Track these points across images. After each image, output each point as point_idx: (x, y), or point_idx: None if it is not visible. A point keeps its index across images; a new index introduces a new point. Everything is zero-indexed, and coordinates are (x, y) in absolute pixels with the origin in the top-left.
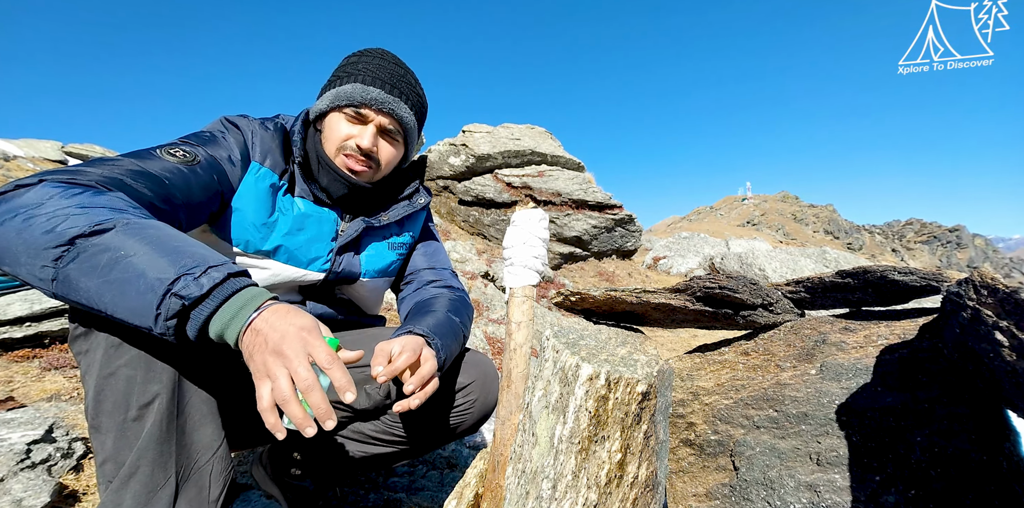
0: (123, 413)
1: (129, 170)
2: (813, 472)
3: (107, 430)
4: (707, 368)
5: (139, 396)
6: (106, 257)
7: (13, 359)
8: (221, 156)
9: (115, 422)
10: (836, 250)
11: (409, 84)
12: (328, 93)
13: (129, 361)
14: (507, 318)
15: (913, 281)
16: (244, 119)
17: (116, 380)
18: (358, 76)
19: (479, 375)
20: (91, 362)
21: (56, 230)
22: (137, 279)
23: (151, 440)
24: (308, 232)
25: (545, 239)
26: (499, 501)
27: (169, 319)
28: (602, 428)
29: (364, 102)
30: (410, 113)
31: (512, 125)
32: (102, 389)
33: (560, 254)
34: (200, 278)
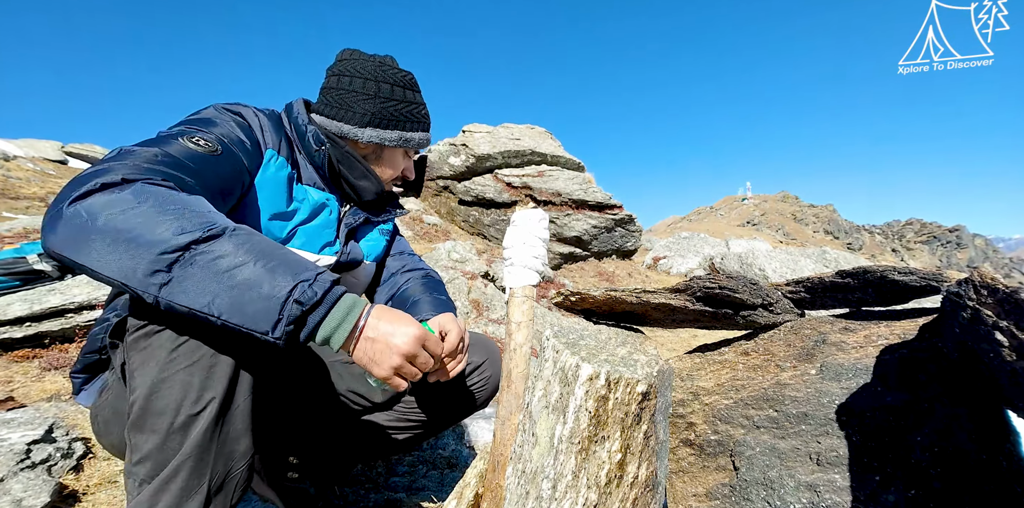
0: (173, 417)
1: (180, 165)
2: (813, 472)
3: (151, 430)
4: (707, 368)
5: (193, 403)
6: (224, 263)
7: (13, 359)
8: (235, 143)
9: (163, 424)
10: (836, 250)
11: None
12: (403, 134)
13: (189, 367)
14: (507, 318)
15: (913, 281)
16: (243, 107)
17: (172, 384)
18: (423, 124)
19: (488, 353)
20: (146, 361)
21: (167, 234)
22: (258, 286)
23: (195, 447)
24: (321, 219)
25: (545, 239)
26: (499, 501)
27: (289, 324)
28: (602, 428)
29: (427, 146)
30: None
31: (512, 125)
32: (157, 390)
33: (560, 254)
34: (314, 285)
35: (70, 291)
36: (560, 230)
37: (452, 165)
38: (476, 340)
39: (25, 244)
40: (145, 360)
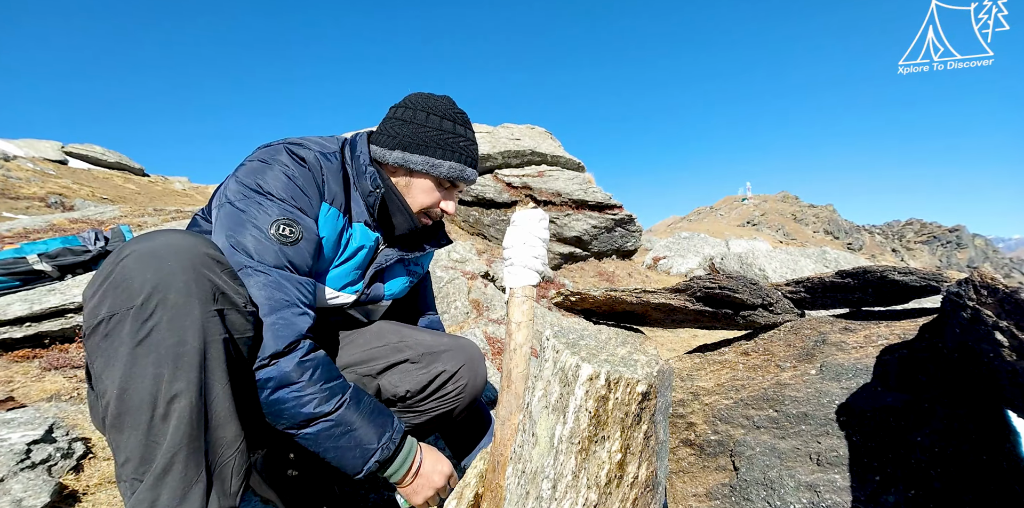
0: (150, 411)
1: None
2: (813, 472)
3: (131, 427)
4: (707, 368)
5: (166, 392)
6: (338, 430)
7: (13, 359)
8: (304, 208)
9: (141, 420)
10: (836, 250)
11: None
12: (429, 159)
13: (156, 359)
14: (507, 318)
15: (913, 281)
16: (307, 150)
17: (143, 378)
18: (461, 155)
19: (466, 359)
20: (110, 361)
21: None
22: (352, 450)
23: (183, 436)
24: (355, 260)
25: (545, 239)
26: (499, 501)
27: (369, 473)
28: (602, 428)
29: (465, 182)
30: None
31: (512, 125)
32: (127, 387)
33: (560, 254)
34: (388, 444)
35: (70, 291)
36: (560, 230)
37: None
38: (454, 345)
39: (25, 244)
40: (109, 359)
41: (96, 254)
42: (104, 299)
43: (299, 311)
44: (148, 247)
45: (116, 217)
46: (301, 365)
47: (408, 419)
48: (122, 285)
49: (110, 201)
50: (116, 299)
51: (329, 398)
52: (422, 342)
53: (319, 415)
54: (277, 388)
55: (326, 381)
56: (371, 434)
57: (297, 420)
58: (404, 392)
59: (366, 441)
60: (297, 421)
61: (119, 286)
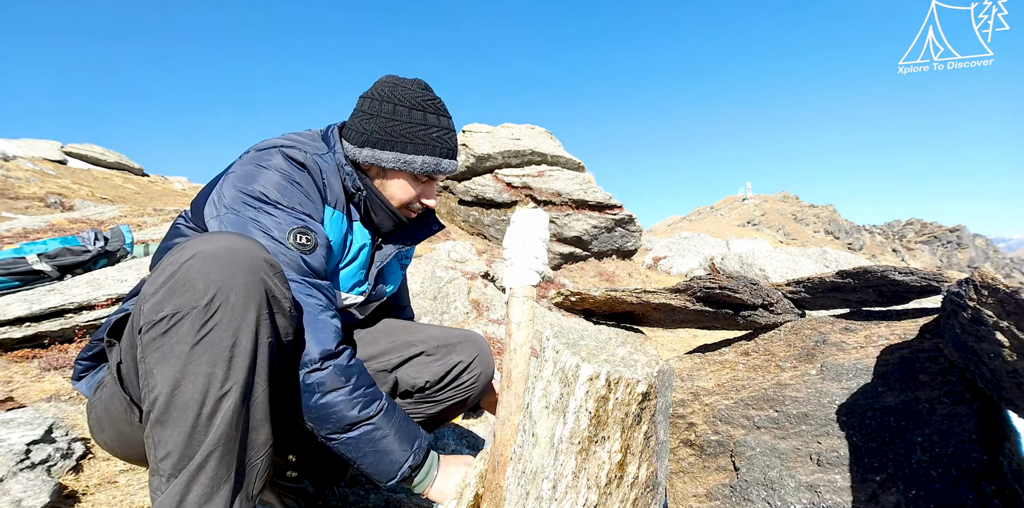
0: (199, 408)
1: (315, 287)
2: (813, 472)
3: (176, 424)
4: (707, 368)
5: (217, 392)
6: (379, 434)
7: (13, 359)
8: (311, 214)
9: (188, 417)
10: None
11: (456, 140)
12: (400, 156)
13: (211, 358)
14: (507, 318)
15: (913, 281)
16: (306, 156)
17: (196, 376)
18: (433, 148)
19: (478, 350)
20: (165, 357)
21: (351, 414)
22: (389, 454)
23: (222, 436)
24: (359, 260)
25: (545, 239)
26: (499, 501)
27: (395, 482)
28: (602, 428)
29: (439, 172)
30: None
31: (512, 125)
32: (180, 385)
33: (560, 254)
34: (418, 453)
35: (69, 291)
36: (560, 230)
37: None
38: (466, 337)
39: (25, 244)
40: (164, 356)
41: (95, 254)
42: (169, 297)
43: (332, 314)
44: (212, 249)
45: (115, 217)
46: (348, 369)
47: (424, 409)
48: (188, 285)
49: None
50: (181, 298)
51: (371, 402)
52: (434, 335)
53: (363, 419)
54: (328, 392)
55: (368, 386)
56: (406, 439)
57: (343, 424)
58: (424, 383)
59: (402, 446)
60: (343, 425)
61: (185, 286)
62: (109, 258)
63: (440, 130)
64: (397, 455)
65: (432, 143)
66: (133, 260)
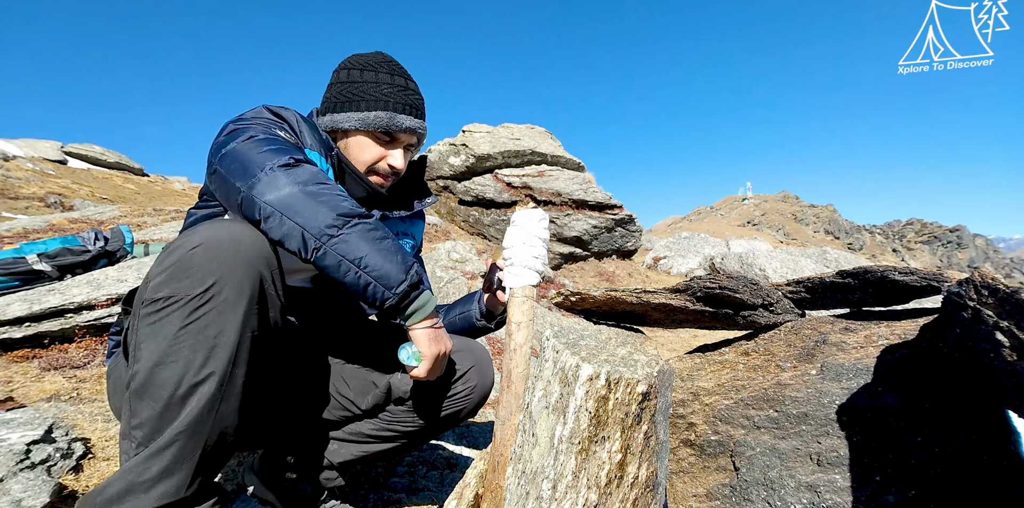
0: (174, 389)
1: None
2: (813, 472)
3: (152, 399)
4: (707, 368)
5: (192, 377)
6: (376, 234)
7: (12, 359)
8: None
9: (163, 394)
10: (836, 250)
11: (421, 99)
12: (353, 115)
13: (194, 345)
14: (507, 318)
15: (913, 281)
16: (286, 110)
17: (177, 359)
18: (386, 103)
19: (475, 360)
20: (154, 334)
21: (345, 206)
22: (397, 254)
23: (193, 420)
24: None
25: (545, 239)
26: (499, 501)
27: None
28: (602, 428)
29: (398, 130)
30: (425, 126)
31: (512, 125)
32: (161, 363)
33: (560, 254)
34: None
35: (69, 291)
36: (560, 230)
37: (452, 165)
38: (464, 346)
39: (25, 244)
40: (153, 333)
41: (95, 254)
42: (169, 280)
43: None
44: (218, 239)
45: (115, 217)
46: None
47: (416, 419)
48: (188, 272)
49: (109, 201)
50: (180, 283)
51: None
52: None
53: (359, 212)
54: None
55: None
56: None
57: (339, 211)
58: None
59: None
60: (339, 212)
61: (185, 272)
62: (109, 258)
63: (393, 87)
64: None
65: (385, 98)
66: (133, 260)
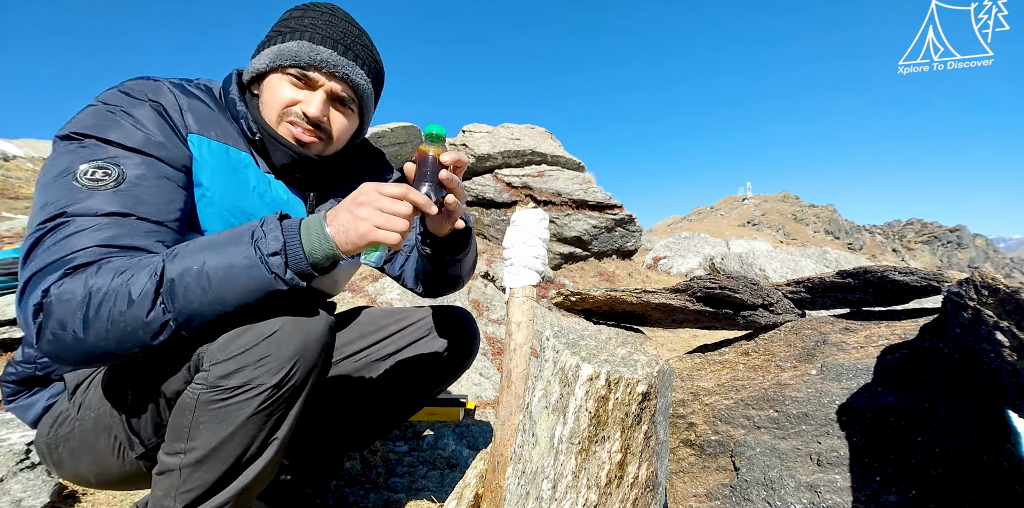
0: (238, 458)
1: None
2: (814, 472)
3: (209, 471)
4: (707, 368)
5: (259, 447)
6: (191, 279)
7: None
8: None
9: (226, 464)
10: (837, 250)
11: (365, 46)
12: (267, 51)
13: (265, 423)
14: (507, 318)
15: (914, 281)
16: (149, 83)
17: (246, 435)
18: (304, 32)
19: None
20: (223, 420)
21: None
22: (232, 270)
23: (252, 478)
24: None
25: (545, 239)
26: (499, 501)
27: (285, 272)
28: (602, 428)
29: (312, 64)
30: (366, 79)
31: (512, 125)
32: (230, 440)
33: (560, 254)
34: (267, 236)
35: None
36: (560, 230)
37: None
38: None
39: None
40: (218, 418)
41: None
42: (243, 368)
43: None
44: (292, 333)
45: None
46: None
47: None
48: (263, 361)
49: None
50: (255, 372)
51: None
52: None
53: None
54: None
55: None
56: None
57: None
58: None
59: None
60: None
61: (260, 361)
62: None
63: (315, 19)
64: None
65: (302, 28)
66: None
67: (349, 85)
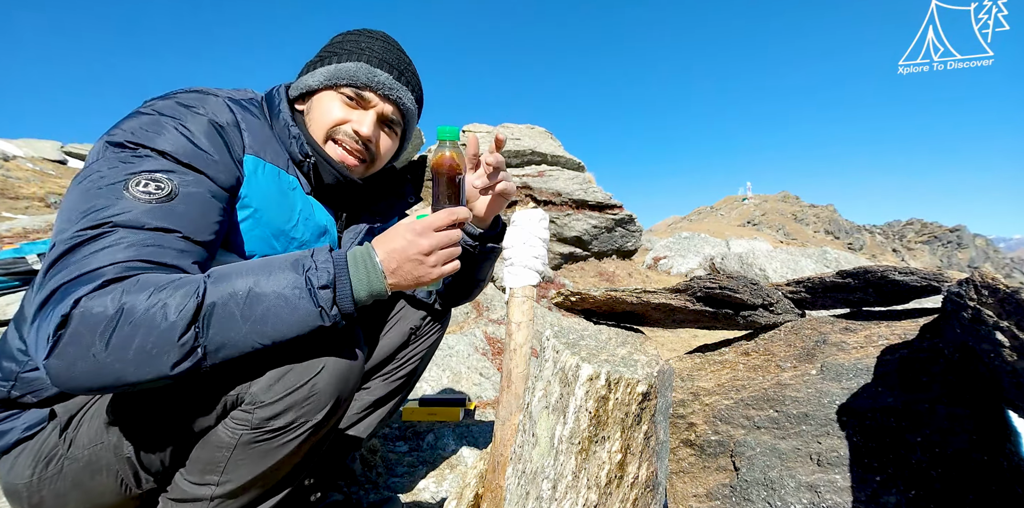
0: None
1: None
2: (814, 472)
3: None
4: (707, 368)
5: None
6: (234, 303)
7: None
8: (194, 160)
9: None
10: (837, 250)
11: (414, 74)
12: (322, 69)
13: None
14: (507, 318)
15: (914, 281)
16: (208, 97)
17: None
18: (362, 55)
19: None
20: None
21: (171, 319)
22: (279, 300)
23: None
24: (322, 243)
25: (545, 239)
26: (499, 501)
27: (332, 307)
28: (602, 428)
29: (369, 85)
30: (414, 102)
31: (512, 125)
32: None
33: (560, 254)
34: (319, 267)
35: None
36: (560, 230)
37: None
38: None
39: (24, 244)
40: (260, 455)
41: None
42: (288, 409)
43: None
44: (335, 372)
45: None
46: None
47: None
48: (310, 401)
49: None
50: (299, 412)
51: (182, 292)
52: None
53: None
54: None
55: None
56: (280, 275)
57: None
58: None
59: (284, 284)
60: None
61: (308, 400)
62: None
63: (372, 41)
64: (290, 293)
65: (358, 51)
66: None
67: (399, 108)
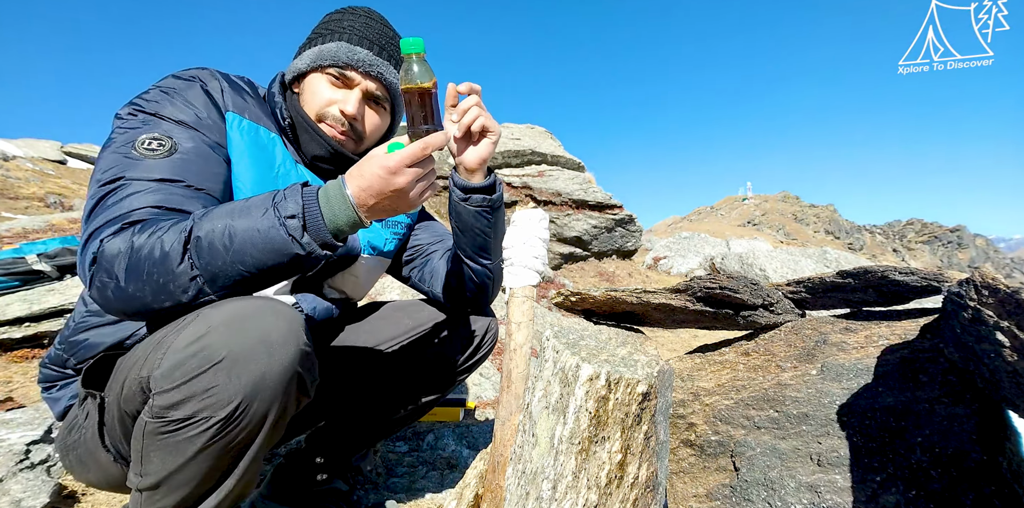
0: (192, 489)
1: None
2: (814, 473)
3: (167, 495)
4: (708, 368)
5: (212, 481)
6: (215, 238)
7: (12, 359)
8: (196, 124)
9: (181, 493)
10: (837, 250)
11: (398, 47)
12: (308, 52)
13: (219, 455)
14: (507, 318)
15: (914, 281)
16: (202, 70)
17: (198, 471)
18: (343, 34)
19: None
20: (173, 452)
21: (166, 250)
22: (253, 231)
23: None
24: None
25: (545, 239)
26: (499, 502)
27: (302, 235)
28: (602, 429)
29: (350, 63)
30: (396, 75)
31: (512, 125)
32: (178, 472)
33: (560, 254)
34: (287, 199)
35: (69, 291)
36: (560, 230)
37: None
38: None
39: (24, 244)
40: (167, 450)
41: None
42: (188, 399)
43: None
44: (244, 348)
45: None
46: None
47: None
48: (211, 392)
49: None
50: (200, 403)
51: (174, 229)
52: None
53: (183, 243)
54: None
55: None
56: (254, 211)
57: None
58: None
59: (257, 219)
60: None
61: (207, 392)
62: None
63: (355, 20)
64: (263, 225)
65: (341, 30)
66: None
67: (383, 84)
